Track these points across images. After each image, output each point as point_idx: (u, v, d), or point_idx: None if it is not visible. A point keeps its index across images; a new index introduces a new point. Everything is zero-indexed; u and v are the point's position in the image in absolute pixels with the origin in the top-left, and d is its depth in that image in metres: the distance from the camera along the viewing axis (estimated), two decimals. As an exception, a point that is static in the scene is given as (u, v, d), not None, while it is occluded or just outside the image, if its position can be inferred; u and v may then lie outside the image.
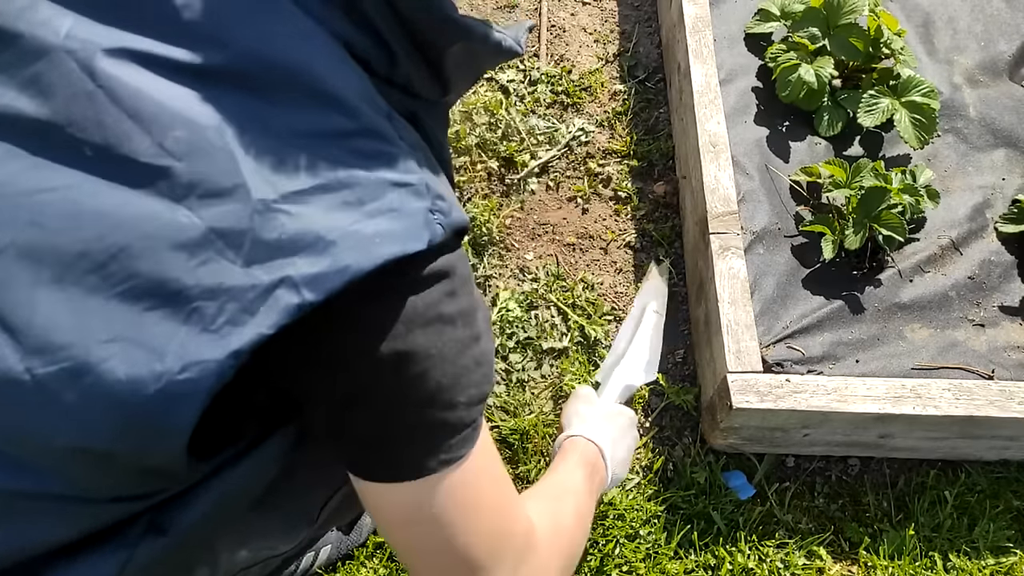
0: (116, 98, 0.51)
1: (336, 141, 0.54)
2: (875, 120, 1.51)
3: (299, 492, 0.74)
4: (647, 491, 1.34)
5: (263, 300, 0.50)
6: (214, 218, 0.50)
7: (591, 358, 1.46)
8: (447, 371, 0.59)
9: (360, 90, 0.56)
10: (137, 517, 0.59)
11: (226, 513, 0.63)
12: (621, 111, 1.80)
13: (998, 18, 1.80)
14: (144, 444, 0.51)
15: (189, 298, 0.49)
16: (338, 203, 0.52)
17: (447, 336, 0.59)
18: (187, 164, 0.50)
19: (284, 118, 0.53)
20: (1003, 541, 1.32)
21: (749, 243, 1.43)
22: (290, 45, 0.54)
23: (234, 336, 0.49)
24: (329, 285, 0.50)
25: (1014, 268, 1.45)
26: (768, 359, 1.31)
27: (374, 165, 0.54)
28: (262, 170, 0.51)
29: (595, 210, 1.66)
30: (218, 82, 0.52)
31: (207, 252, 0.50)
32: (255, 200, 0.50)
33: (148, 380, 0.49)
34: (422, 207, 0.56)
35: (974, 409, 1.24)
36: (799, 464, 1.39)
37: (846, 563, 1.31)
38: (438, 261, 0.58)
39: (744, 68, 1.67)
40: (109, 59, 0.51)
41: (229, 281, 0.50)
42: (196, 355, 0.49)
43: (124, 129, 0.50)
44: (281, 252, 0.50)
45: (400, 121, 0.59)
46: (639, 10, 2.00)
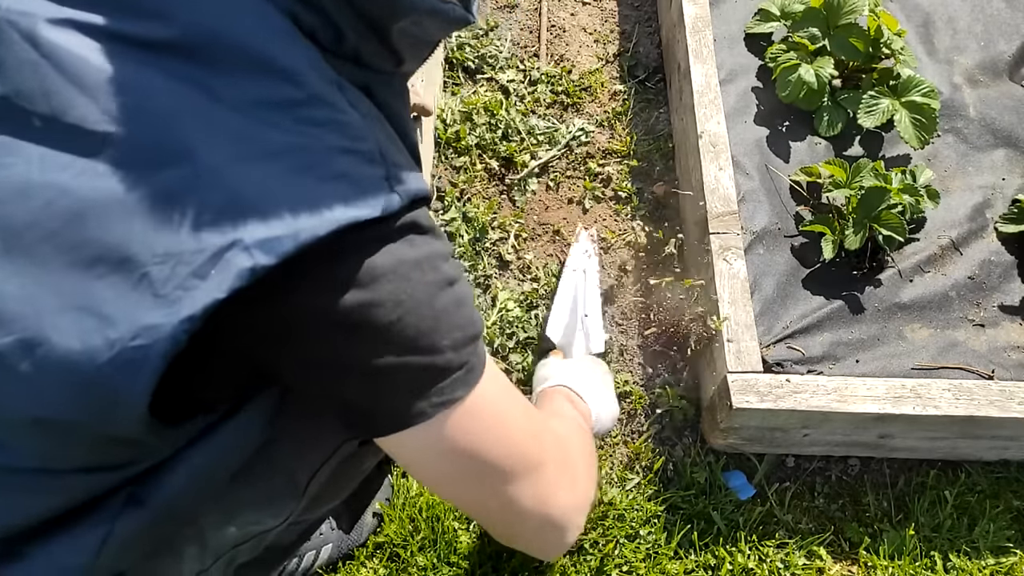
0: (60, 66, 0.51)
1: (285, 109, 0.53)
2: (875, 120, 1.51)
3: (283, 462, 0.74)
4: (647, 491, 1.34)
5: (214, 264, 0.49)
6: (163, 183, 0.50)
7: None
8: (424, 314, 0.59)
9: (308, 60, 0.56)
10: (116, 491, 0.59)
11: (205, 484, 0.63)
12: (621, 111, 1.80)
13: (998, 18, 1.80)
14: (103, 413, 0.51)
15: (139, 264, 0.49)
16: (289, 168, 0.52)
17: (415, 280, 0.59)
18: (134, 130, 0.50)
19: (232, 88, 0.52)
20: (1003, 541, 1.32)
21: (749, 243, 1.43)
22: (236, 18, 0.54)
23: (186, 301, 0.49)
24: (282, 248, 0.50)
25: (1014, 268, 1.45)
26: (768, 359, 1.31)
27: (324, 132, 0.54)
28: (210, 137, 0.51)
29: (595, 210, 1.66)
30: (165, 54, 0.52)
31: (156, 216, 0.49)
32: (204, 165, 0.50)
33: (101, 348, 0.49)
34: (376, 174, 0.56)
35: (974, 409, 1.24)
36: (799, 464, 1.39)
37: (846, 563, 1.31)
38: (399, 220, 0.58)
39: (744, 68, 1.67)
40: (53, 28, 0.51)
41: (179, 246, 0.49)
42: (148, 320, 0.49)
43: (70, 97, 0.50)
44: (232, 216, 0.50)
45: (352, 91, 0.59)
46: (639, 10, 2.00)
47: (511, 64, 1.86)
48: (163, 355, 0.49)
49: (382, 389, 0.60)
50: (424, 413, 0.61)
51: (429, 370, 0.61)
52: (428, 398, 0.61)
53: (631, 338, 1.51)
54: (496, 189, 1.68)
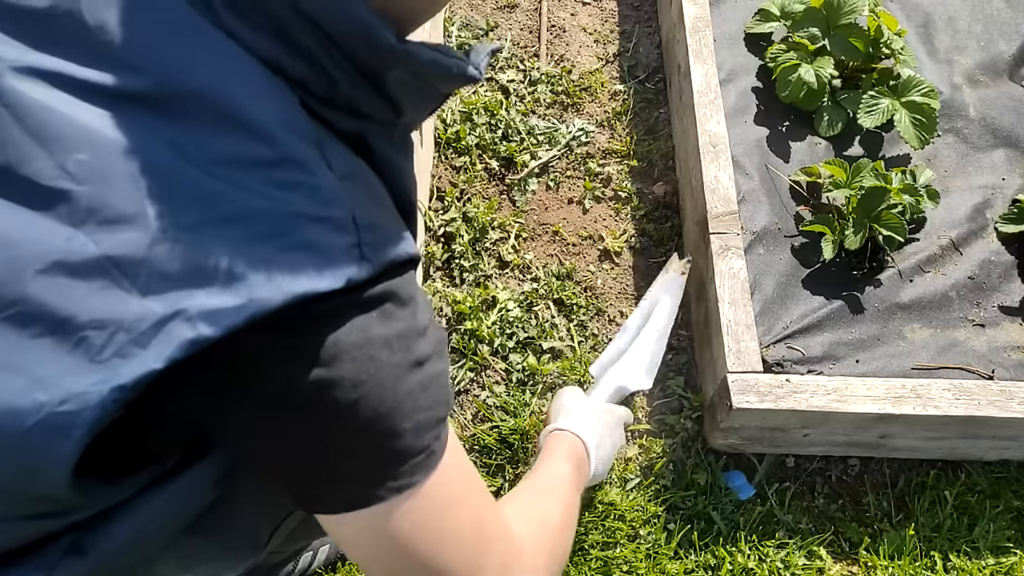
0: (20, 116, 0.49)
1: (252, 170, 0.51)
2: (875, 120, 1.51)
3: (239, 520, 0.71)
4: (647, 491, 1.34)
5: (155, 333, 0.47)
6: (111, 246, 0.48)
7: (591, 358, 1.46)
8: (385, 397, 0.56)
9: (282, 117, 0.52)
10: (58, 536, 0.56)
11: (154, 536, 0.61)
12: (621, 111, 1.80)
13: (998, 18, 1.80)
14: (26, 475, 0.49)
15: (77, 327, 0.47)
16: (248, 235, 0.49)
17: (381, 361, 0.56)
18: (88, 188, 0.48)
19: (198, 145, 0.50)
20: (1003, 541, 1.32)
21: (749, 243, 1.43)
22: (208, 70, 0.51)
23: (122, 369, 0.47)
24: (228, 321, 0.48)
25: (1014, 268, 1.45)
26: (768, 359, 1.31)
27: (292, 196, 0.51)
28: (168, 198, 0.49)
29: (595, 210, 1.66)
30: (131, 105, 0.50)
31: (100, 280, 0.47)
32: (155, 229, 0.48)
33: (27, 411, 0.47)
34: (344, 242, 0.52)
35: (974, 409, 1.24)
36: (799, 464, 1.39)
37: (846, 563, 1.31)
38: (372, 289, 0.55)
39: (744, 68, 1.67)
40: (16, 76, 0.49)
41: (121, 312, 0.47)
42: (78, 387, 0.47)
43: (26, 149, 0.48)
44: (179, 284, 0.48)
45: (335, 148, 0.55)
46: (639, 10, 2.00)
47: (511, 64, 1.86)
48: (90, 423, 0.47)
49: (332, 470, 0.57)
50: (379, 497, 0.58)
51: (385, 454, 0.58)
52: (382, 482, 0.58)
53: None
54: (496, 189, 1.68)
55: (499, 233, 1.61)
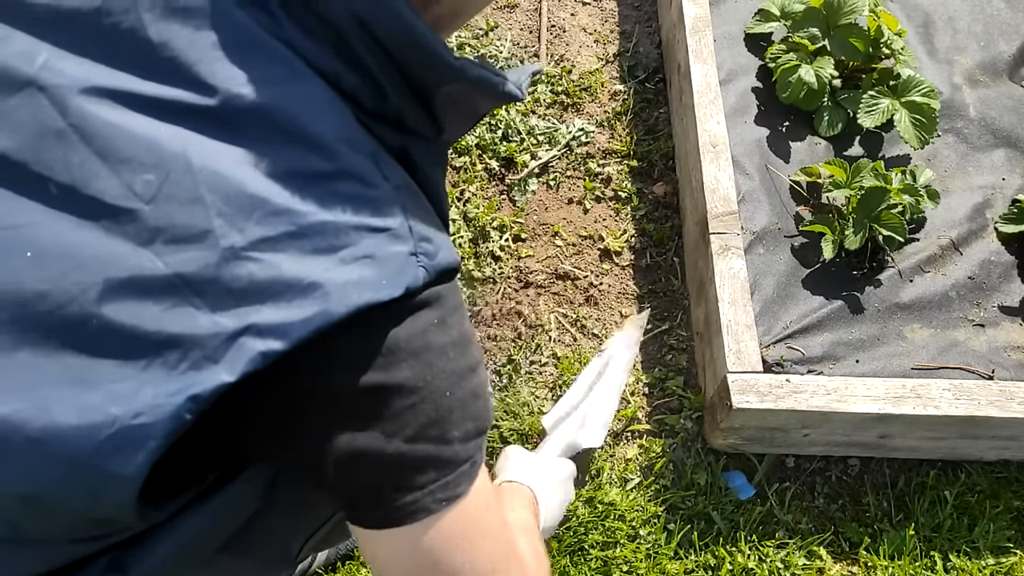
0: (86, 136, 0.50)
1: (313, 183, 0.52)
2: (875, 120, 1.51)
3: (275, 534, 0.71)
4: (647, 491, 1.34)
5: (227, 347, 0.48)
6: (180, 264, 0.49)
7: (591, 358, 1.46)
8: (440, 404, 0.57)
9: (342, 131, 0.54)
10: (97, 556, 0.57)
11: (193, 553, 0.61)
12: (621, 111, 1.80)
13: (998, 18, 1.80)
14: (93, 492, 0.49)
15: (151, 343, 0.48)
16: (310, 249, 0.51)
17: (437, 368, 0.57)
18: (155, 208, 0.49)
19: (260, 160, 0.51)
20: (1003, 541, 1.32)
21: (749, 243, 1.43)
22: (270, 86, 0.52)
23: (195, 382, 0.48)
24: (296, 334, 0.49)
25: (1014, 268, 1.45)
26: (768, 359, 1.31)
27: (351, 209, 0.53)
28: (233, 215, 0.50)
29: (595, 210, 1.66)
30: (194, 121, 0.51)
31: (172, 298, 0.49)
32: (223, 247, 0.49)
33: (101, 425, 0.47)
34: (402, 251, 0.54)
35: (974, 409, 1.24)
36: (799, 464, 1.39)
37: (846, 563, 1.31)
38: (424, 294, 0.56)
39: (744, 68, 1.67)
40: (84, 96, 0.50)
41: (193, 328, 0.48)
42: (152, 400, 0.47)
43: (92, 169, 0.49)
44: (248, 300, 0.49)
45: (387, 161, 0.57)
46: (639, 10, 2.00)
47: (511, 64, 1.86)
48: (165, 434, 0.48)
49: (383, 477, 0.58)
50: (425, 509, 0.58)
51: (435, 461, 0.58)
52: (432, 493, 0.59)
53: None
54: (496, 189, 1.68)
55: (499, 233, 1.61)
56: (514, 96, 0.62)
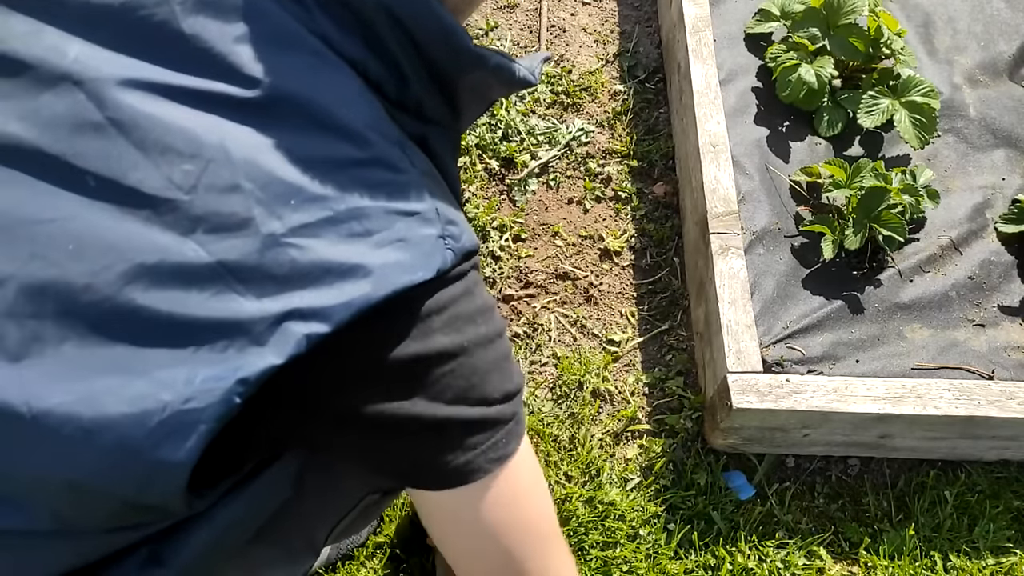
0: (124, 128, 0.50)
1: (346, 170, 0.54)
2: (875, 120, 1.51)
3: (304, 522, 0.73)
4: (647, 491, 1.34)
5: (272, 332, 0.50)
6: (223, 252, 0.50)
7: (591, 358, 1.46)
8: (477, 367, 0.59)
9: (372, 119, 0.56)
10: (134, 548, 0.57)
11: (228, 544, 0.62)
12: (621, 111, 1.80)
13: (998, 18, 1.80)
14: (143, 479, 0.50)
15: (196, 330, 0.49)
16: (346, 235, 0.52)
17: (469, 333, 0.59)
18: (195, 198, 0.50)
19: (294, 148, 0.53)
20: (1003, 541, 1.32)
21: (749, 243, 1.43)
22: (303, 76, 0.54)
23: (243, 366, 0.49)
24: (338, 316, 0.51)
25: (1014, 268, 1.45)
26: (768, 359, 1.31)
27: (383, 195, 0.54)
28: (271, 202, 0.51)
29: (595, 210, 1.66)
30: (229, 111, 0.52)
31: (216, 285, 0.50)
32: (264, 234, 0.51)
33: (153, 412, 0.48)
34: (432, 234, 0.56)
35: (974, 409, 1.24)
36: (799, 464, 1.39)
37: (846, 563, 1.31)
38: (452, 271, 0.58)
39: (744, 68, 1.67)
40: (120, 89, 0.51)
41: (238, 314, 0.50)
42: (201, 385, 0.48)
43: (131, 160, 0.50)
44: (290, 285, 0.51)
45: (412, 148, 0.59)
46: (639, 10, 1.99)
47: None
48: (216, 418, 0.48)
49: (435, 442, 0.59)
50: (481, 469, 0.61)
51: (482, 422, 0.60)
52: (484, 452, 0.61)
53: (631, 339, 1.51)
54: (496, 189, 1.68)
55: (499, 233, 1.61)
56: (528, 82, 0.65)
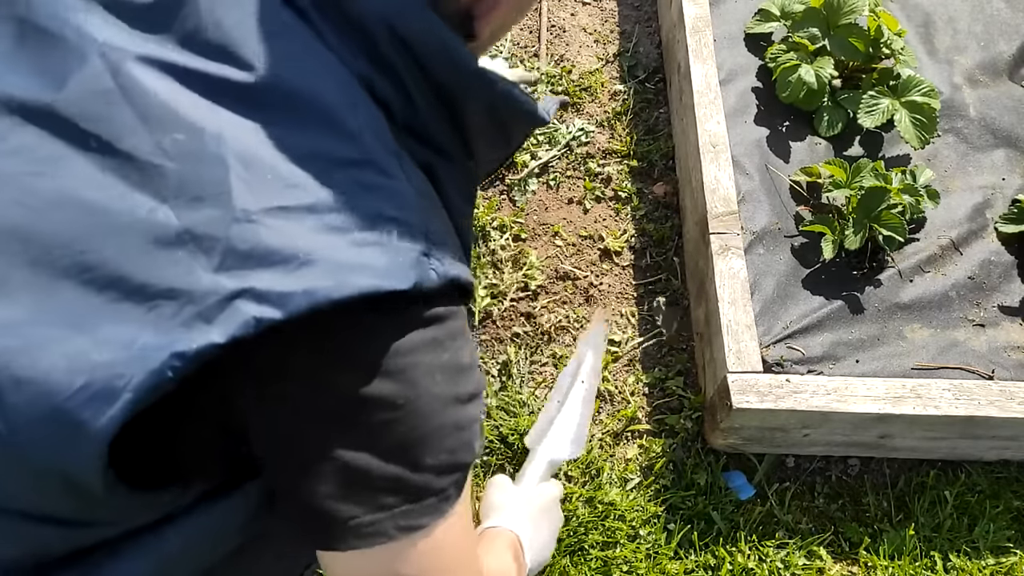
0: (130, 97, 0.52)
1: (337, 167, 0.53)
2: (875, 120, 1.51)
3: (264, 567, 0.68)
4: (647, 491, 1.34)
5: (221, 308, 0.48)
6: (192, 221, 0.49)
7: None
8: (416, 426, 0.55)
9: (372, 125, 0.55)
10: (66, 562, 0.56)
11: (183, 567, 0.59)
12: (621, 111, 1.80)
13: (998, 18, 1.80)
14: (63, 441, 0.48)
15: (149, 295, 0.48)
16: (323, 225, 0.51)
17: (423, 388, 0.55)
18: (179, 165, 0.50)
19: (290, 138, 0.52)
20: (1003, 541, 1.32)
21: (749, 243, 1.43)
22: (310, 75, 0.54)
23: (183, 339, 0.47)
24: (293, 305, 0.48)
25: (1014, 268, 1.45)
26: (768, 359, 1.31)
27: (370, 196, 0.53)
28: (252, 181, 0.51)
29: (595, 210, 1.66)
30: (233, 98, 0.53)
31: (178, 252, 0.49)
32: (236, 208, 0.50)
33: (81, 370, 0.47)
34: (414, 248, 0.53)
35: (974, 409, 1.24)
36: (799, 464, 1.39)
37: (846, 563, 1.31)
38: (428, 308, 0.55)
39: (744, 68, 1.67)
40: (136, 63, 0.52)
41: (192, 284, 0.48)
42: (138, 352, 0.47)
43: (130, 126, 0.51)
44: (251, 263, 0.49)
45: (410, 165, 0.57)
46: (639, 10, 2.00)
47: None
48: (144, 389, 0.47)
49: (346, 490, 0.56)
50: (386, 534, 0.56)
51: (401, 484, 0.56)
52: (393, 518, 0.56)
53: (631, 339, 1.51)
54: (496, 189, 1.68)
55: (499, 233, 1.61)
56: (540, 118, 0.63)
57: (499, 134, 0.65)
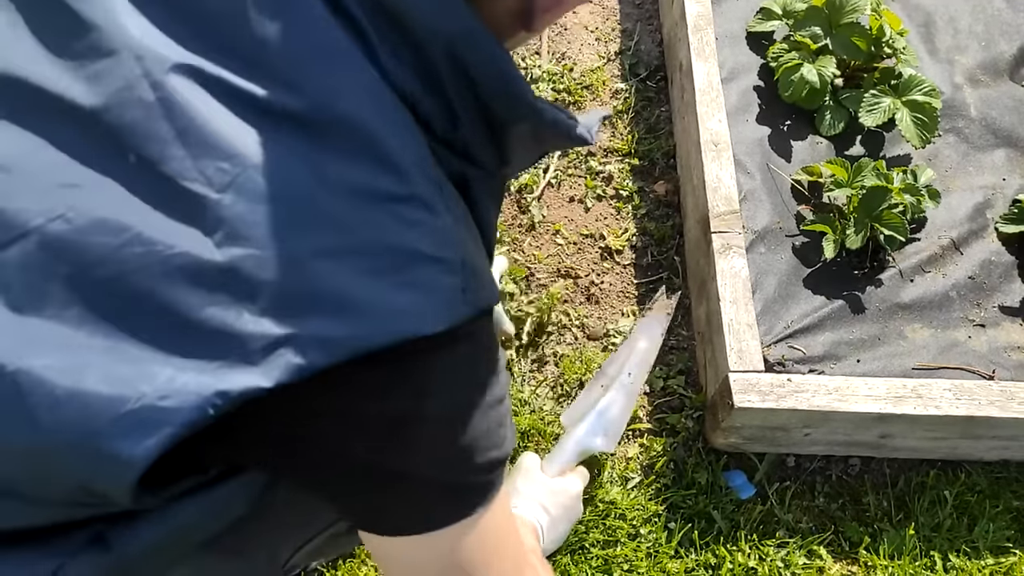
0: (171, 114, 0.49)
1: (381, 203, 0.52)
2: (877, 119, 1.51)
3: (265, 538, 0.71)
4: (648, 490, 1.34)
5: (266, 354, 0.48)
6: (239, 260, 0.48)
7: (592, 356, 1.46)
8: (465, 435, 0.58)
9: (417, 156, 0.54)
10: (83, 524, 0.56)
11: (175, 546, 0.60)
12: (622, 109, 1.79)
13: (999, 18, 1.80)
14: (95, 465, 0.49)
15: (194, 332, 0.48)
16: (366, 268, 0.50)
17: (464, 401, 0.58)
18: (224, 198, 0.49)
19: (335, 171, 0.51)
20: (1003, 541, 1.33)
21: (750, 242, 1.43)
22: (356, 99, 0.52)
23: (228, 380, 0.47)
24: (337, 353, 0.49)
25: (1014, 268, 1.45)
26: (769, 358, 1.31)
27: (413, 235, 0.52)
28: (299, 220, 0.50)
29: (596, 209, 1.66)
30: (278, 122, 0.51)
31: (223, 292, 0.48)
32: (283, 250, 0.49)
33: (126, 398, 0.47)
34: (453, 285, 0.54)
35: (975, 409, 1.24)
36: (800, 463, 1.39)
37: (846, 562, 1.31)
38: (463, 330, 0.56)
39: (746, 67, 1.67)
40: (176, 74, 0.50)
41: (237, 326, 0.48)
42: (182, 386, 0.47)
43: (172, 148, 0.49)
44: (296, 308, 0.49)
45: (450, 191, 0.57)
46: (641, 8, 1.99)
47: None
48: (183, 423, 0.47)
49: (398, 494, 0.59)
50: (434, 522, 0.60)
51: (453, 487, 0.60)
52: (444, 509, 0.60)
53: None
54: (497, 187, 1.67)
55: (499, 232, 1.60)
56: (584, 140, 0.63)
57: (535, 149, 0.66)
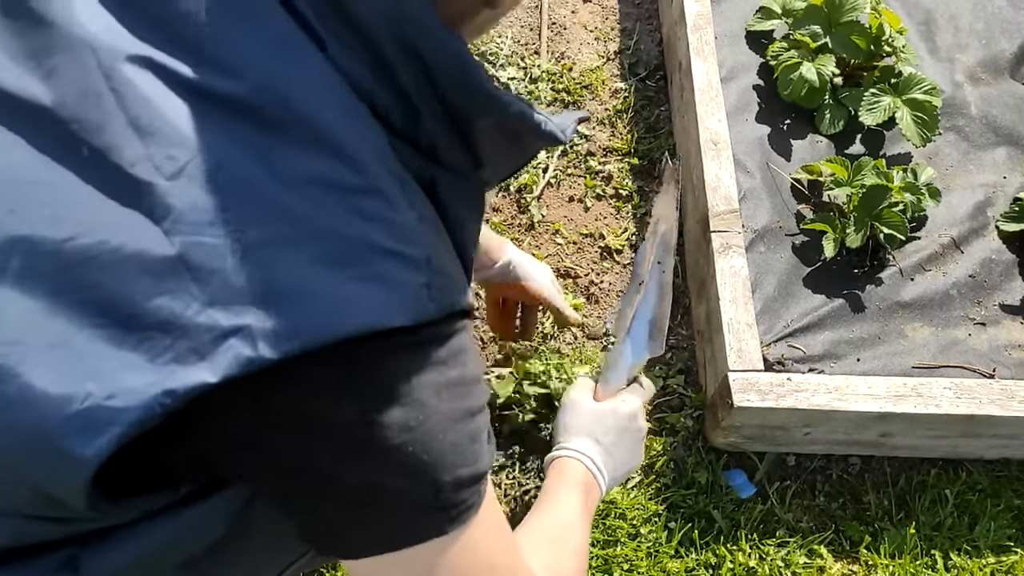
0: (123, 103, 0.49)
1: (337, 194, 0.50)
2: (877, 118, 1.51)
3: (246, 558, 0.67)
4: (648, 490, 1.34)
5: (215, 345, 0.46)
6: (188, 248, 0.47)
7: (592, 356, 1.46)
8: (431, 446, 0.55)
9: (375, 149, 0.52)
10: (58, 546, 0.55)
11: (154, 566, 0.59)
12: (622, 109, 1.79)
13: (999, 16, 1.79)
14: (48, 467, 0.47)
15: (142, 325, 0.47)
16: (321, 258, 0.49)
17: (432, 408, 0.54)
18: (174, 186, 0.48)
19: (289, 161, 0.50)
20: (1004, 540, 1.32)
21: (750, 241, 1.43)
22: (311, 91, 0.51)
23: (176, 375, 0.46)
24: (288, 346, 0.47)
25: (1015, 266, 1.45)
26: (769, 357, 1.31)
27: (372, 227, 0.50)
28: (252, 208, 0.48)
29: (596, 208, 1.66)
30: (231, 112, 0.50)
31: (172, 281, 0.47)
32: (234, 239, 0.47)
33: (73, 398, 0.46)
34: (416, 281, 0.52)
35: (975, 408, 1.24)
36: (800, 463, 1.39)
37: (847, 562, 1.31)
38: (429, 331, 0.54)
39: (745, 66, 1.67)
40: (131, 64, 0.50)
41: (186, 317, 0.47)
42: (130, 383, 0.46)
43: (123, 136, 0.49)
44: (246, 298, 0.47)
45: (414, 190, 0.55)
46: (640, 7, 1.99)
47: (511, 62, 1.85)
48: (131, 422, 0.45)
49: (362, 512, 0.56)
50: (400, 543, 0.57)
51: (421, 505, 0.56)
52: (412, 530, 0.57)
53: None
54: (495, 188, 1.68)
55: (499, 232, 1.60)
56: (555, 137, 0.60)
57: (513, 146, 0.63)
